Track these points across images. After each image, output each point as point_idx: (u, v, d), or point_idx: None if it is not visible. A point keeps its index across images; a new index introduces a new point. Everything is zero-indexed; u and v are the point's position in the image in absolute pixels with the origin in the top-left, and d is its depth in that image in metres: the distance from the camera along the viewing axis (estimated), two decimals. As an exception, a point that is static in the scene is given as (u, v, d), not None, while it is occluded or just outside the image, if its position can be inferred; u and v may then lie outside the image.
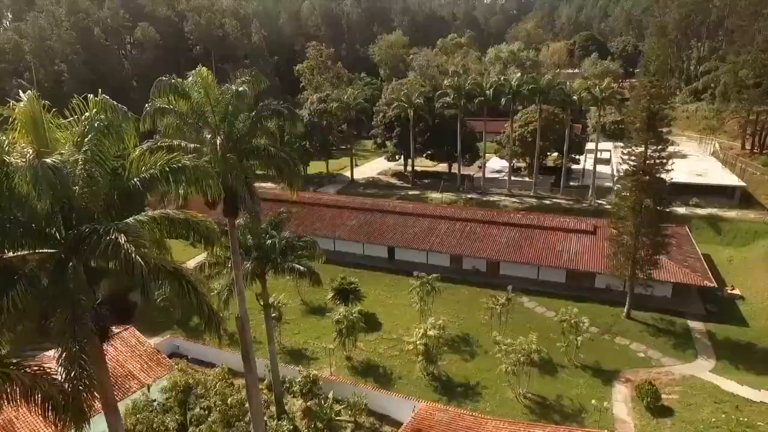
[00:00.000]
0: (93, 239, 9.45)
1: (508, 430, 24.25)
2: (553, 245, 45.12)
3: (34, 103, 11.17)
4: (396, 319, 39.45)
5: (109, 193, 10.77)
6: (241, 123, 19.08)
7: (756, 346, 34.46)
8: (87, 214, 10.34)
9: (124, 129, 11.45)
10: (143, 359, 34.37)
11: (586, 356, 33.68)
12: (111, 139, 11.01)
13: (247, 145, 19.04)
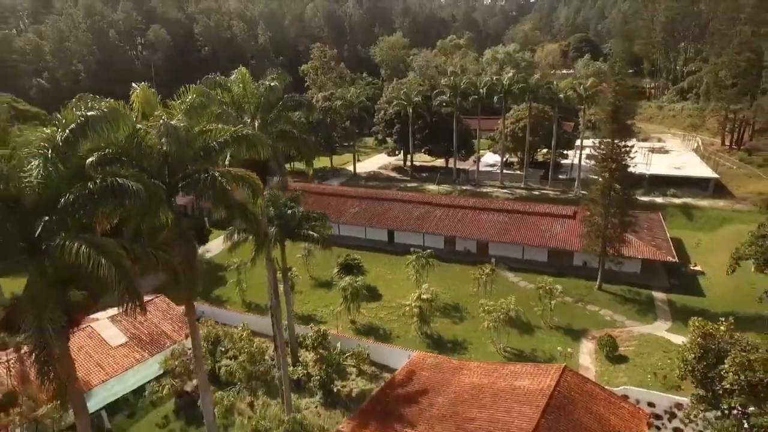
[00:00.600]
0: (197, 177, 14.34)
1: (485, 368, 29.32)
2: (537, 228, 50.19)
3: (146, 90, 16.12)
4: (395, 291, 44.46)
5: (197, 151, 15.67)
6: (271, 111, 24.10)
7: (709, 312, 39.33)
8: (181, 164, 15.24)
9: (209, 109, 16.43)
10: (174, 321, 39.60)
11: (560, 319, 38.75)
12: (201, 115, 15.97)
13: (275, 129, 24.03)
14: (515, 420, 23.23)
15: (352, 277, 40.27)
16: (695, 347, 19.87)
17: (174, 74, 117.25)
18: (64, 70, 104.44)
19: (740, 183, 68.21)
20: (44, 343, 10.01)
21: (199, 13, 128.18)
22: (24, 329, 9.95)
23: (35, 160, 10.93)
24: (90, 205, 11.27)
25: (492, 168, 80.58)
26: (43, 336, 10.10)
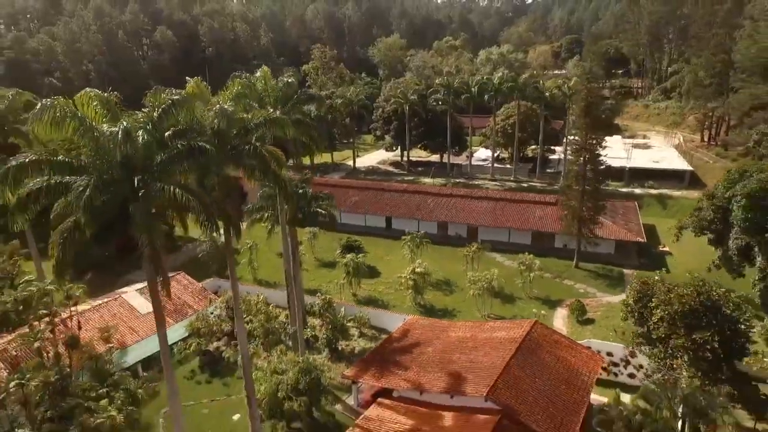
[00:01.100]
0: (243, 148, 18.99)
1: (469, 326, 34.17)
2: (521, 214, 55.06)
3: (199, 83, 20.77)
4: (392, 270, 49.12)
5: (239, 130, 20.24)
6: (287, 104, 28.77)
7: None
8: (228, 138, 19.82)
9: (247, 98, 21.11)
10: (194, 294, 44.44)
11: (539, 291, 43.61)
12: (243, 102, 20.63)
13: (291, 118, 28.66)
14: (491, 360, 28.01)
15: (354, 255, 45.02)
16: (634, 293, 24.67)
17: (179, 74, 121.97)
18: (75, 69, 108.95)
19: (715, 175, 72.98)
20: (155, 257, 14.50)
21: (204, 15, 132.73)
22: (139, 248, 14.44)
23: (140, 131, 15.43)
24: (177, 161, 15.81)
25: (484, 162, 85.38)
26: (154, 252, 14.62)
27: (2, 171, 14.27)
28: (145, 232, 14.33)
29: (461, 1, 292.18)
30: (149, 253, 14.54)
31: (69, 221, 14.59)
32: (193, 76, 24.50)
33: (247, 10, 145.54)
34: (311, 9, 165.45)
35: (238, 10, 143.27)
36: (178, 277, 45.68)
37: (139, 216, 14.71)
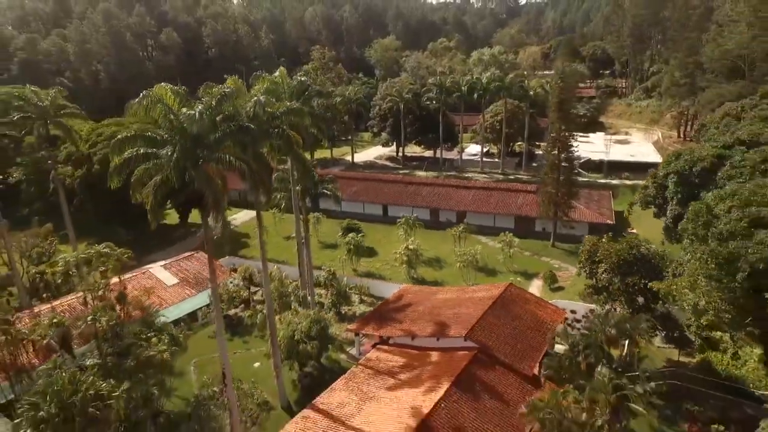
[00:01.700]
0: (272, 131, 24.40)
1: (454, 289, 39.90)
2: (505, 201, 60.79)
3: (236, 81, 26.24)
4: (388, 250, 54.68)
5: (268, 117, 25.64)
6: (299, 98, 34.27)
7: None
8: (260, 123, 25.19)
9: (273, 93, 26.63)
10: (218, 270, 49.77)
11: (518, 266, 49.33)
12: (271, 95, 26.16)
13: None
14: (470, 312, 33.63)
15: (354, 235, 50.62)
16: (585, 252, 30.35)
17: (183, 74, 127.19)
18: (86, 69, 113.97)
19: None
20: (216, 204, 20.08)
21: (207, 17, 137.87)
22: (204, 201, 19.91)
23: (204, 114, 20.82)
24: (227, 138, 21.19)
25: (474, 157, 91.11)
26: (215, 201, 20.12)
27: (113, 143, 19.72)
28: (207, 187, 19.77)
29: (456, 2, 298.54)
30: (211, 200, 19.98)
31: (157, 178, 19.97)
32: (197, 77, 30.01)
33: (248, 12, 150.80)
34: (310, 11, 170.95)
35: (240, 13, 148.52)
36: (197, 255, 51.33)
37: (203, 175, 20.18)
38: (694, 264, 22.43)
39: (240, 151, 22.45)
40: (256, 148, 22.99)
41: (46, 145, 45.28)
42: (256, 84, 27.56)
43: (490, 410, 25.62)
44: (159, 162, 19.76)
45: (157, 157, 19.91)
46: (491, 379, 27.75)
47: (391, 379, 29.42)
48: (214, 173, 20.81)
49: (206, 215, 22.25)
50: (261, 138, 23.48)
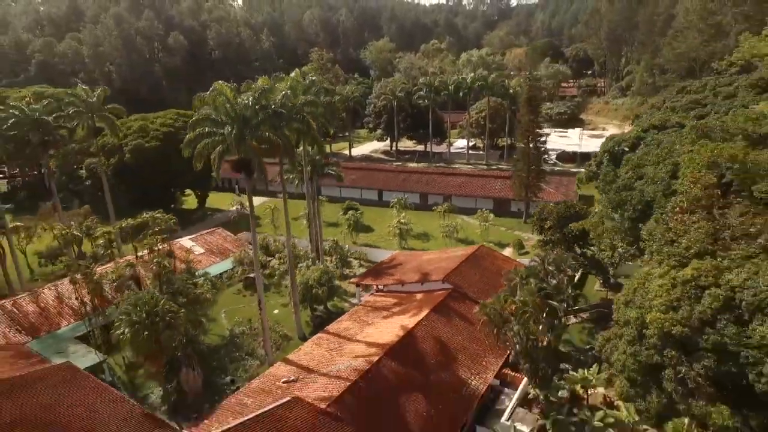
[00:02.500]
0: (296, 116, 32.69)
1: (438, 251, 48.39)
2: (485, 185, 69.43)
3: (266, 79, 34.59)
4: (383, 227, 63.11)
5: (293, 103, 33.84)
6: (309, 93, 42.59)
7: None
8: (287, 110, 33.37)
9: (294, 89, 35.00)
10: (232, 242, 58.05)
11: (494, 238, 57.91)
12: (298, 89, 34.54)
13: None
14: (448, 264, 42.13)
15: (353, 212, 59.09)
16: (537, 213, 38.93)
17: (188, 75, 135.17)
18: (99, 70, 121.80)
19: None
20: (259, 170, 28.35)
21: (212, 21, 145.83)
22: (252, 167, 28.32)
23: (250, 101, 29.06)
24: (266, 120, 29.41)
25: (461, 150, 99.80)
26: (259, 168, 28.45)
27: (190, 123, 28.09)
28: (253, 155, 28.14)
29: (449, 5, 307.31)
30: (256, 165, 28.27)
31: (219, 148, 28.24)
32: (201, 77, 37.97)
33: (249, 16, 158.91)
34: (308, 14, 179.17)
35: (242, 16, 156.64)
36: (218, 230, 59.68)
37: (250, 148, 28.57)
38: (601, 209, 30.87)
39: (272, 131, 30.83)
40: (284, 129, 31.22)
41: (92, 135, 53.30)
42: (278, 83, 35.96)
43: (457, 326, 34.15)
44: (217, 138, 28.05)
45: (216, 135, 28.24)
46: (460, 308, 36.26)
47: (386, 312, 37.89)
48: (257, 146, 29.23)
49: (250, 176, 30.63)
50: (288, 121, 31.70)
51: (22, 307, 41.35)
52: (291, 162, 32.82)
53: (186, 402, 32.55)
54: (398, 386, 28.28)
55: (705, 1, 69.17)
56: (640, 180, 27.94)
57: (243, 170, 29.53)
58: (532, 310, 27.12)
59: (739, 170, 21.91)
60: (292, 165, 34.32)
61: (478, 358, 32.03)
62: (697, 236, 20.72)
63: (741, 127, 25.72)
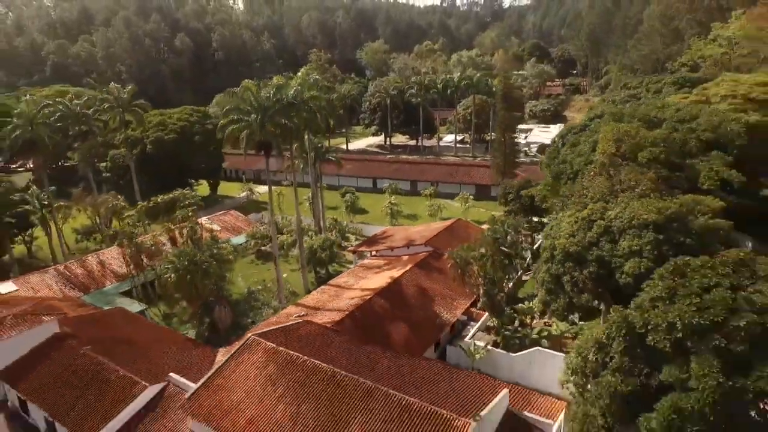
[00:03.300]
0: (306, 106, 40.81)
1: (423, 225, 56.51)
2: (468, 173, 77.61)
3: (280, 78, 42.53)
4: (377, 210, 71.18)
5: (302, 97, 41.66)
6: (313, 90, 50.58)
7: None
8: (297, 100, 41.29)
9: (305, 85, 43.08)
10: (243, 222, 66.02)
11: (473, 217, 66.10)
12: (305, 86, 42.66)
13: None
14: (430, 233, 50.25)
15: (350, 195, 67.17)
16: (502, 188, 47.08)
17: (193, 75, 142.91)
18: (111, 70, 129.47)
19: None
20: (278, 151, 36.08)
21: (216, 24, 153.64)
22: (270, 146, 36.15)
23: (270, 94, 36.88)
24: (282, 110, 37.26)
25: (450, 144, 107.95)
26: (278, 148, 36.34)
27: (225, 111, 36.13)
28: (273, 138, 36.11)
29: (443, 6, 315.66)
30: (275, 146, 36.23)
31: (245, 132, 36.11)
32: (205, 77, 45.77)
33: (251, 19, 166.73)
34: (306, 17, 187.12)
35: (244, 19, 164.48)
36: (231, 212, 67.73)
37: (269, 132, 36.59)
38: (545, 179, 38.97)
39: (287, 118, 38.87)
40: (294, 118, 39.16)
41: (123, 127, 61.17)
42: (291, 81, 44.04)
43: (435, 277, 42.27)
44: (244, 124, 36.02)
45: (243, 121, 36.23)
46: (438, 264, 44.32)
47: (377, 269, 45.96)
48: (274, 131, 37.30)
49: (268, 156, 38.63)
50: (298, 111, 39.65)
51: (72, 270, 49.37)
52: (300, 142, 40.74)
53: (217, 338, 40.54)
54: (386, 316, 36.37)
55: (665, 8, 77.49)
56: (575, 155, 36.07)
57: (264, 150, 37.48)
58: (489, 255, 35.25)
59: (631, 143, 30.06)
60: (301, 149, 42.18)
61: (450, 300, 40.14)
62: (598, 190, 28.92)
63: (645, 113, 33.95)
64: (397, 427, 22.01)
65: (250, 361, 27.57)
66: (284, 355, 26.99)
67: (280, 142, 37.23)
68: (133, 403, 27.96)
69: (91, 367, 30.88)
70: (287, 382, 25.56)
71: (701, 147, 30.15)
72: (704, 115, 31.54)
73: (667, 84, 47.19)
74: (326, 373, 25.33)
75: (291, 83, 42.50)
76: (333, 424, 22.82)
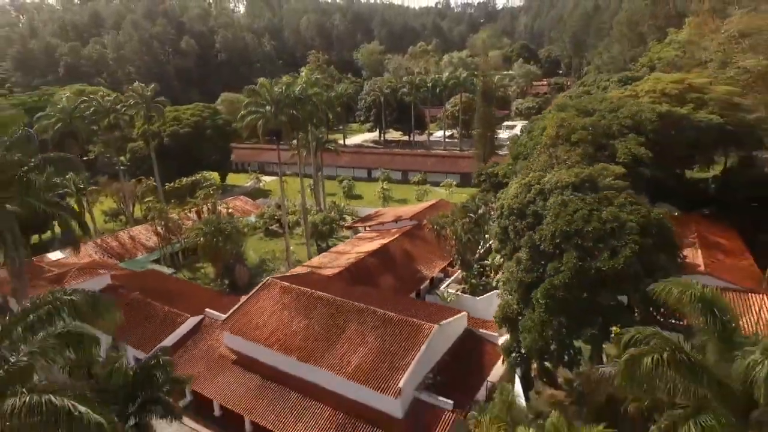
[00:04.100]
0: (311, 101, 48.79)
1: (410, 206, 64.86)
2: (453, 163, 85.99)
3: (289, 78, 50.62)
4: (370, 196, 79.50)
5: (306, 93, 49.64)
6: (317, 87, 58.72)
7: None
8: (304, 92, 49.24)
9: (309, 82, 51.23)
10: (253, 206, 74.12)
11: (455, 200, 74.42)
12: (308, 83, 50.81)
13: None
14: (415, 210, 58.56)
15: (347, 182, 75.44)
16: (477, 172, 55.39)
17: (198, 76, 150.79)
18: (121, 71, 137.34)
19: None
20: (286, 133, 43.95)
21: (219, 27, 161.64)
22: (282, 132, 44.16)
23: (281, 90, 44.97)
24: (292, 103, 45.29)
25: (439, 139, 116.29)
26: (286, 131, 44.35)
27: (245, 104, 44.27)
28: (283, 126, 44.27)
29: (437, 8, 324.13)
30: (285, 131, 44.38)
31: (261, 121, 44.16)
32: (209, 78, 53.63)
33: (252, 21, 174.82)
34: (304, 20, 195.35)
35: (245, 22, 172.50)
36: (241, 197, 75.97)
37: (281, 121, 44.77)
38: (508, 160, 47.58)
39: (295, 110, 47.04)
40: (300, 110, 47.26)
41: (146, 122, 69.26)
42: (297, 79, 52.21)
43: (418, 244, 50.55)
44: (260, 114, 44.13)
45: (259, 112, 44.36)
46: (422, 234, 52.57)
47: (370, 239, 54.22)
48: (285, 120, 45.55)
49: (279, 140, 46.82)
50: (303, 104, 47.77)
51: (108, 242, 57.43)
52: (305, 131, 48.93)
53: (237, 295, 48.67)
54: (376, 271, 44.62)
55: (631, 14, 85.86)
56: (529, 139, 44.40)
57: (276, 136, 45.65)
58: (459, 219, 43.57)
59: (567, 128, 38.38)
60: (305, 139, 50.26)
61: (430, 261, 48.41)
62: (540, 164, 37.25)
63: (584, 105, 42.30)
64: (381, 330, 30.24)
65: (269, 295, 35.76)
66: (296, 290, 35.19)
67: (289, 130, 45.27)
68: (178, 329, 36.14)
69: (142, 307, 39.01)
70: (298, 306, 33.78)
71: (622, 131, 38.51)
72: (627, 106, 39.87)
73: (613, 82, 55.59)
74: (328, 300, 33.54)
75: (297, 81, 50.73)
76: (334, 329, 31.06)
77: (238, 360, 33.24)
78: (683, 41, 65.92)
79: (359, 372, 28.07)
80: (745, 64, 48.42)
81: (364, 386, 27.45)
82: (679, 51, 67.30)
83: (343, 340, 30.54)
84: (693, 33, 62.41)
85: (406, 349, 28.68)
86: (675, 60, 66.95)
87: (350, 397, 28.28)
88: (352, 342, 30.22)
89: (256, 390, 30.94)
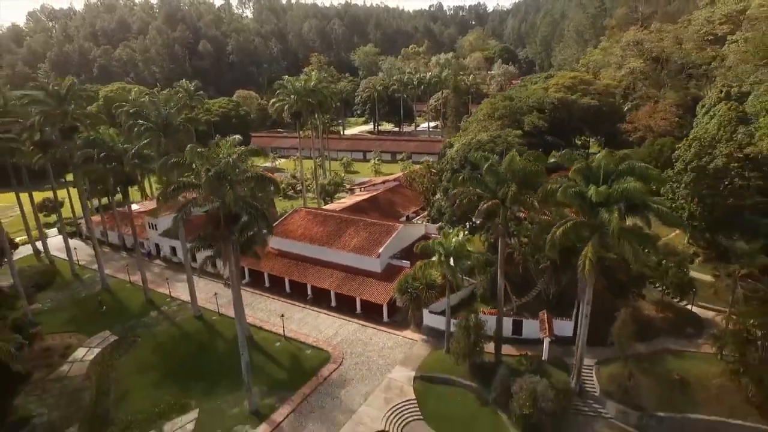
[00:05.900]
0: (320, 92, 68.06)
1: (396, 174, 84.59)
2: (432, 145, 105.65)
3: (291, 79, 69.91)
4: (365, 171, 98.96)
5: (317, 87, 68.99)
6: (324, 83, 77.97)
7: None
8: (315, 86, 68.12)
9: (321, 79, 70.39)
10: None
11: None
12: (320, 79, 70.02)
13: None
14: (399, 175, 78.09)
15: (347, 159, 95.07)
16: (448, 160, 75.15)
17: (215, 74, 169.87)
18: (147, 71, 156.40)
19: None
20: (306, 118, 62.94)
21: (231, 32, 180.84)
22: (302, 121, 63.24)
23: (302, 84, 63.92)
24: (309, 94, 64.33)
25: (424, 129, 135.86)
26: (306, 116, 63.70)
27: (276, 93, 63.60)
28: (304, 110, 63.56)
29: (430, 10, 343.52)
30: (305, 115, 63.58)
31: (286, 107, 63.24)
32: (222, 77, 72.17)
33: (260, 26, 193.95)
34: (306, 25, 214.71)
35: (254, 27, 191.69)
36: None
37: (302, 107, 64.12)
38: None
39: (311, 98, 66.40)
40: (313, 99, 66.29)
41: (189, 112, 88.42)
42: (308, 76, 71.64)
43: (399, 195, 70.07)
44: (285, 102, 63.32)
45: (285, 100, 63.58)
46: (402, 189, 72.09)
47: (364, 193, 73.77)
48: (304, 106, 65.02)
49: (299, 119, 66.21)
50: (316, 94, 66.75)
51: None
52: (312, 116, 68.52)
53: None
54: (369, 209, 64.12)
55: (577, 24, 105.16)
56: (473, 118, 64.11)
57: (298, 118, 65.07)
58: (424, 173, 63.15)
59: (506, 108, 57.88)
60: (316, 120, 69.62)
61: (407, 206, 67.92)
62: (474, 131, 56.94)
63: (511, 94, 61.99)
64: (369, 229, 49.80)
65: (297, 216, 55.30)
66: (314, 211, 54.76)
67: (307, 113, 64.60)
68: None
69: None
70: (316, 220, 53.33)
71: (529, 110, 58.12)
72: (535, 94, 59.49)
73: (541, 78, 75.04)
74: (335, 215, 53.10)
75: (311, 78, 70.20)
76: (339, 230, 50.66)
77: (279, 253, 52.78)
78: (604, 48, 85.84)
79: (355, 248, 47.68)
80: (632, 65, 68.30)
81: (358, 255, 47.03)
82: (602, 54, 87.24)
83: (345, 235, 50.16)
84: (607, 42, 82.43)
85: (383, 236, 48.32)
86: (598, 61, 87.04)
87: (349, 264, 47.84)
88: (351, 236, 49.84)
89: (292, 265, 50.53)
